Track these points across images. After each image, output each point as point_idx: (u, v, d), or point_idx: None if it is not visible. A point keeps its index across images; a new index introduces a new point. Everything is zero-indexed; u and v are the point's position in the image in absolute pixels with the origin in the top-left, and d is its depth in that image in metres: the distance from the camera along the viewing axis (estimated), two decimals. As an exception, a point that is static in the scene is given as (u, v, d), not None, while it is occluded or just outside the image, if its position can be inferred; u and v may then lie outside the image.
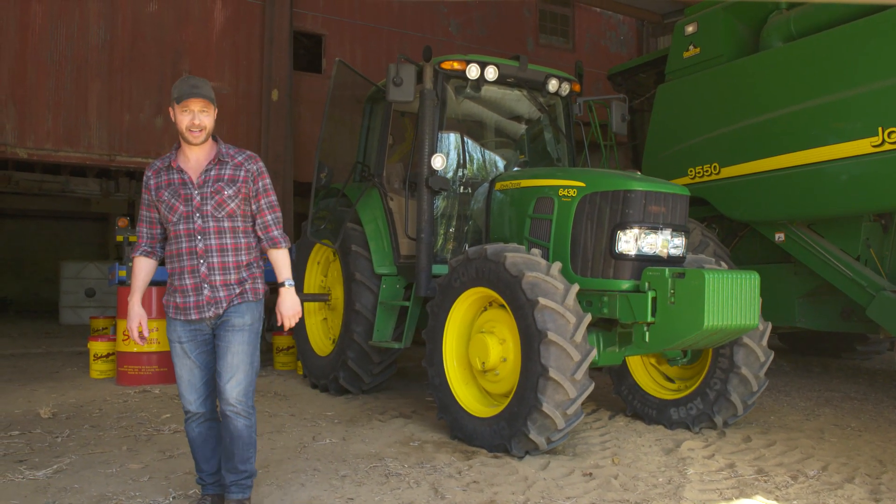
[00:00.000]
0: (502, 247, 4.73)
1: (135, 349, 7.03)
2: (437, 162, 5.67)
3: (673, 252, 4.87)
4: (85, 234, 18.47)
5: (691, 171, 7.62)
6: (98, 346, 7.54)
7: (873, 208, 6.35)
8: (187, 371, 3.35)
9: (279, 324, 3.44)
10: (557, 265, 4.60)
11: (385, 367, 6.42)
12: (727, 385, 5.08)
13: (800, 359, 9.15)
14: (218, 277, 3.28)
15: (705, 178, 7.45)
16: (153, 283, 8.23)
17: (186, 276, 3.28)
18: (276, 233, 3.44)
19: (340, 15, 11.36)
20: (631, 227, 4.74)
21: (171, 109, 3.29)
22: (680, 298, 4.41)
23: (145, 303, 7.15)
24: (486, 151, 6.53)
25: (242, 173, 3.34)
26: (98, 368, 7.51)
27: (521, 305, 4.41)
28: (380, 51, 11.63)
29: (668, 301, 4.47)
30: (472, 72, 5.83)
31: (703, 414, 5.21)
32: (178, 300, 3.31)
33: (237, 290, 3.31)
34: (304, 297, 6.93)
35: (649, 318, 4.54)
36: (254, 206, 3.40)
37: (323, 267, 7.20)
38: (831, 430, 5.37)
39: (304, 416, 5.75)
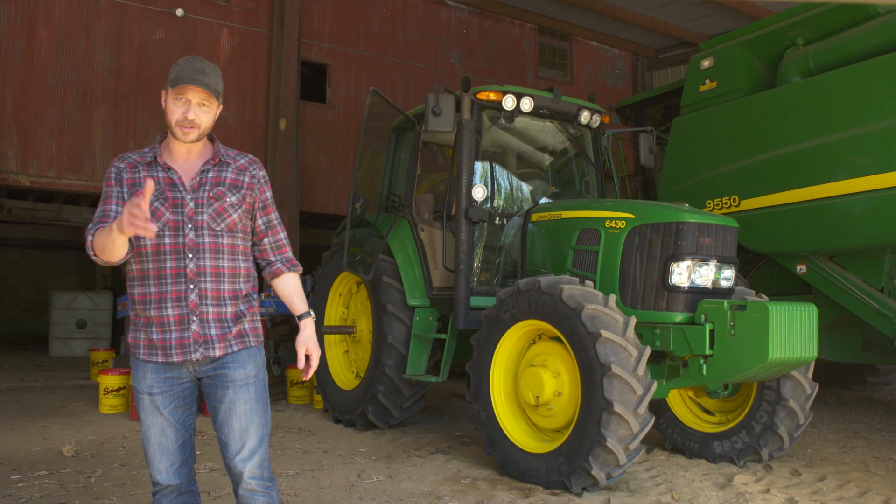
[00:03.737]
0: (556, 279, 4.67)
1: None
2: (478, 193, 5.64)
3: (724, 284, 4.86)
4: (69, 264, 17.99)
5: (710, 203, 7.66)
6: (108, 380, 7.27)
7: (898, 241, 6.42)
8: (157, 431, 2.60)
9: (302, 363, 2.72)
10: (613, 297, 4.54)
11: (415, 401, 6.29)
12: (774, 418, 5.05)
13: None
14: (210, 309, 2.56)
15: (725, 210, 7.50)
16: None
17: (170, 304, 2.53)
18: (290, 253, 2.81)
19: (346, 46, 11.36)
20: (684, 259, 4.72)
21: (163, 93, 2.58)
22: (741, 331, 4.38)
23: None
24: (517, 182, 6.51)
25: (247, 179, 2.68)
26: (108, 403, 7.23)
27: (580, 338, 4.35)
28: (384, 81, 11.63)
29: (728, 334, 4.44)
30: (509, 102, 5.83)
31: (749, 447, 5.16)
32: (153, 336, 2.55)
33: (233, 329, 2.60)
34: (327, 330, 6.78)
35: (707, 351, 4.50)
36: (260, 221, 2.73)
37: (345, 298, 7.06)
38: (874, 463, 5.36)
39: (338, 452, 5.58)
